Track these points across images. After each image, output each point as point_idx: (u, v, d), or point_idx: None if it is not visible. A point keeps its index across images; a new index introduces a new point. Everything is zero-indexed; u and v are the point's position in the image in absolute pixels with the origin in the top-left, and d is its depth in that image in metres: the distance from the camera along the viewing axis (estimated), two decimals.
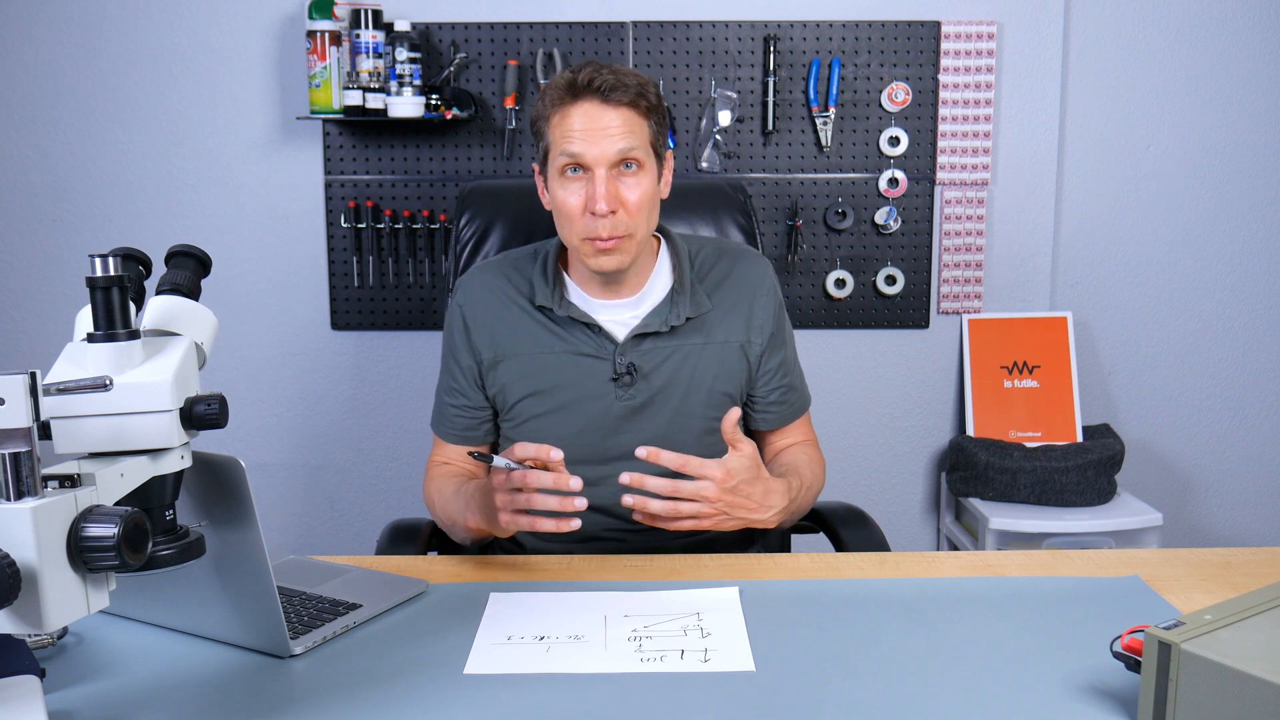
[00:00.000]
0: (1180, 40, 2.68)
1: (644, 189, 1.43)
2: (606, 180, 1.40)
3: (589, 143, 1.40)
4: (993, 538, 2.47)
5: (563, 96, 1.42)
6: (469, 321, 1.54)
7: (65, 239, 2.69)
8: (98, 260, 0.87)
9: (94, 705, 0.98)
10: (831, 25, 2.62)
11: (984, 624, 1.13)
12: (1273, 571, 1.28)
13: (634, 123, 1.42)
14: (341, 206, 2.64)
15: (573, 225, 1.43)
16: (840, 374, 2.76)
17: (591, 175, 1.40)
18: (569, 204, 1.43)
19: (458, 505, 1.45)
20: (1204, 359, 2.81)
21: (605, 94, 1.40)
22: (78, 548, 0.79)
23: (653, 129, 1.45)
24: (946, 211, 2.69)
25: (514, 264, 1.57)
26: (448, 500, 1.49)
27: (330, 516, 2.80)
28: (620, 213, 1.41)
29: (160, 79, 2.63)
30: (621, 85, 1.41)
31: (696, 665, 1.04)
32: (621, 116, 1.41)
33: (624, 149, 1.41)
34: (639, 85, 1.43)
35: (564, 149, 1.41)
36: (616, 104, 1.41)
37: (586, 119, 1.40)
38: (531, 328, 1.52)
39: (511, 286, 1.55)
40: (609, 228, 1.41)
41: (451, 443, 1.58)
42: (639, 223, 1.43)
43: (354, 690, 1.00)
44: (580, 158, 1.40)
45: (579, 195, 1.42)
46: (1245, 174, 2.74)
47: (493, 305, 1.54)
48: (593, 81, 1.40)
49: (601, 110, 1.41)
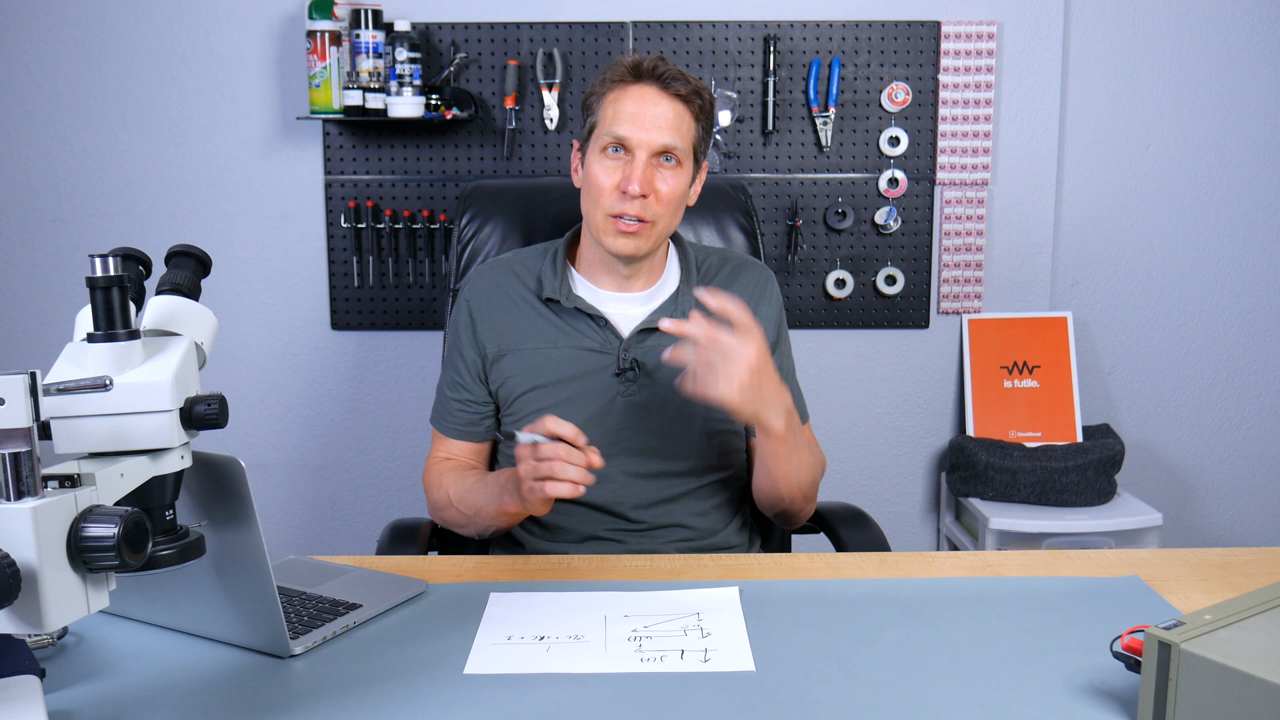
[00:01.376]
0: (1180, 40, 2.68)
1: (677, 184, 1.46)
2: (645, 165, 1.43)
3: (638, 127, 1.43)
4: (993, 538, 2.47)
5: (624, 76, 1.46)
6: (475, 316, 1.55)
7: (65, 239, 2.69)
8: (98, 260, 0.87)
9: (94, 705, 0.97)
10: (831, 25, 2.62)
11: (984, 624, 1.13)
12: (1273, 571, 1.28)
13: (684, 120, 1.45)
14: (341, 206, 2.64)
15: (600, 200, 1.45)
16: (840, 374, 2.76)
17: (632, 158, 1.43)
18: (601, 180, 1.45)
19: (485, 493, 1.43)
20: (1204, 359, 2.81)
21: (665, 82, 1.44)
22: (78, 548, 0.78)
23: (698, 132, 1.48)
24: (946, 211, 2.69)
25: (522, 260, 1.59)
26: (468, 490, 1.47)
27: (330, 516, 2.80)
28: (651, 198, 1.44)
29: (160, 79, 2.63)
30: (682, 78, 1.45)
31: (696, 665, 1.04)
32: (674, 109, 1.44)
33: (669, 143, 1.44)
34: (698, 88, 1.47)
35: (612, 128, 1.44)
36: (673, 95, 1.44)
37: (641, 103, 1.44)
38: (537, 322, 1.53)
39: (519, 282, 1.56)
40: (638, 209, 1.43)
41: (453, 438, 1.58)
42: (664, 214, 1.46)
43: (354, 690, 1.00)
44: (626, 140, 1.43)
45: (614, 174, 1.44)
46: (1245, 174, 2.74)
47: (499, 300, 1.55)
48: (656, 69, 1.44)
49: (658, 97, 1.44)
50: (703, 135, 1.49)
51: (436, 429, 1.60)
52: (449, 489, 1.52)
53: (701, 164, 1.53)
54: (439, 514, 1.56)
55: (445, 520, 1.55)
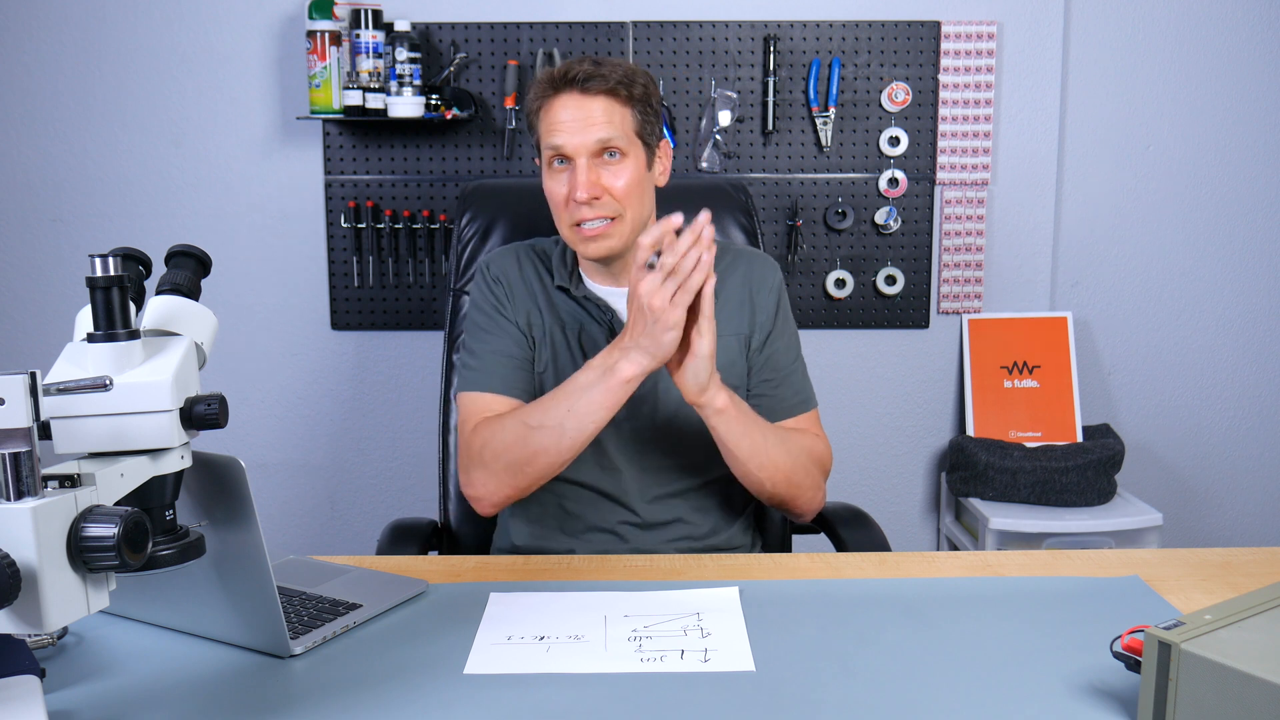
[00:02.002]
0: (1180, 40, 2.68)
1: (629, 176, 1.46)
2: (587, 169, 1.44)
3: (569, 133, 1.44)
4: (993, 538, 2.47)
5: (545, 90, 1.47)
6: (507, 291, 1.56)
7: (65, 239, 2.69)
8: (98, 260, 0.87)
9: (94, 705, 0.97)
10: (831, 25, 2.61)
11: (984, 624, 1.13)
12: (1273, 571, 1.28)
13: (614, 111, 1.45)
14: (341, 206, 2.64)
15: (560, 214, 1.48)
16: (840, 374, 2.76)
17: (573, 165, 1.44)
18: (556, 193, 1.47)
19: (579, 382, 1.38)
20: (1204, 359, 2.81)
21: (582, 84, 1.44)
22: (78, 548, 0.78)
23: (637, 118, 1.47)
24: (946, 211, 2.69)
25: (542, 248, 1.62)
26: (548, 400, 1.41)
27: (330, 516, 2.80)
28: (605, 198, 1.45)
29: (160, 79, 2.63)
30: (599, 75, 1.44)
31: (696, 665, 1.04)
32: (601, 106, 1.44)
33: (603, 138, 1.44)
34: (623, 75, 1.46)
35: (548, 141, 1.46)
36: (595, 93, 1.44)
37: (567, 110, 1.44)
38: (553, 305, 1.55)
39: (538, 264, 1.59)
40: (593, 212, 1.44)
41: (505, 394, 1.51)
42: (628, 206, 1.46)
43: (354, 690, 1.00)
44: (561, 149, 1.45)
45: (564, 185, 1.46)
46: (1245, 174, 2.74)
47: (521, 279, 1.57)
48: (569, 73, 1.45)
49: (580, 100, 1.44)
50: (644, 118, 1.48)
51: (478, 391, 1.52)
52: (524, 419, 1.42)
53: (657, 145, 1.52)
54: (506, 458, 1.42)
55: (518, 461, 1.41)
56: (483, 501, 1.47)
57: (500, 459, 1.43)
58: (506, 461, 1.42)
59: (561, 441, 1.39)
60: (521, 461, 1.41)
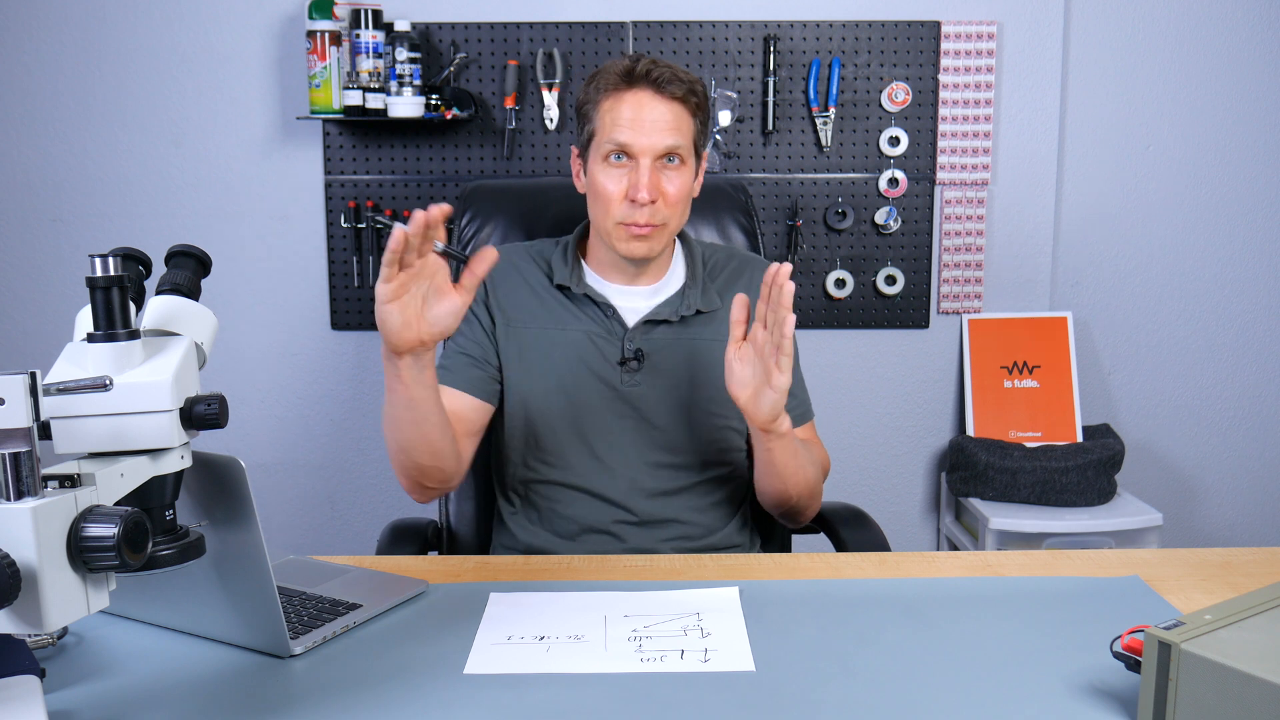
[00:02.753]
0: (1180, 40, 2.68)
1: (683, 183, 1.46)
2: (650, 170, 1.43)
3: (638, 132, 1.43)
4: (993, 538, 2.47)
5: (617, 83, 1.45)
6: (489, 285, 1.55)
7: (65, 239, 2.69)
8: (98, 260, 0.87)
9: (94, 705, 0.97)
10: (831, 25, 2.62)
11: (984, 624, 1.13)
12: (1273, 571, 1.28)
13: (682, 119, 1.45)
14: (341, 206, 2.64)
15: (609, 210, 1.46)
16: (840, 374, 2.76)
17: (636, 164, 1.43)
18: (609, 189, 1.45)
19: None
20: (1204, 359, 2.81)
21: (660, 85, 1.44)
22: (78, 548, 0.78)
23: (697, 128, 1.48)
24: (946, 211, 2.69)
25: (537, 249, 1.61)
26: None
27: (330, 516, 2.80)
28: (659, 203, 1.44)
29: (160, 79, 2.63)
30: (676, 79, 1.44)
31: (696, 665, 1.04)
32: (672, 111, 1.44)
33: (671, 144, 1.44)
34: (691, 83, 1.46)
35: (612, 136, 1.44)
36: (669, 97, 1.44)
37: (638, 108, 1.43)
38: (547, 303, 1.55)
39: (533, 264, 1.58)
40: (647, 215, 1.44)
41: (454, 387, 1.49)
42: (674, 215, 1.47)
43: (354, 690, 1.00)
44: (628, 147, 1.43)
45: (620, 182, 1.44)
46: (1245, 174, 2.74)
47: (514, 276, 1.56)
48: (650, 72, 1.44)
49: (654, 101, 1.44)
50: (701, 128, 1.50)
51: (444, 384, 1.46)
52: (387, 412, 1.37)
53: (703, 155, 1.54)
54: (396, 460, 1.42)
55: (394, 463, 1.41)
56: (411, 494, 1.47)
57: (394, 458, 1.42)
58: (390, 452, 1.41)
59: (400, 431, 1.35)
60: (395, 452, 1.40)
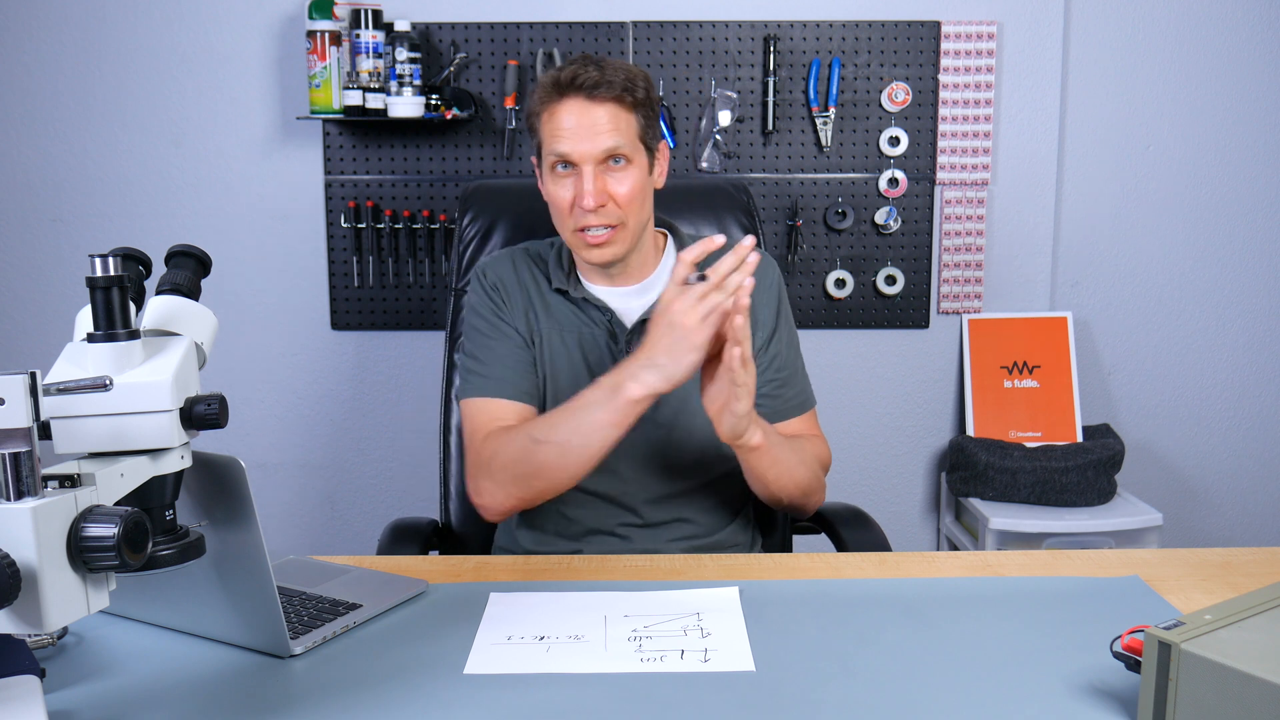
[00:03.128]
0: (1180, 40, 2.68)
1: (632, 182, 1.45)
2: (594, 176, 1.42)
3: (575, 140, 1.42)
4: (993, 538, 2.47)
5: (549, 94, 1.45)
6: (505, 298, 1.55)
7: (65, 239, 2.69)
8: (98, 260, 0.87)
9: (94, 705, 0.97)
10: (831, 25, 2.62)
11: (984, 624, 1.13)
12: (1273, 571, 1.28)
13: (620, 118, 1.44)
14: (341, 206, 2.64)
15: (564, 219, 1.47)
16: (840, 374, 2.76)
17: (579, 171, 1.43)
18: (560, 198, 1.46)
19: (586, 401, 1.35)
20: (1204, 359, 2.81)
21: (590, 91, 1.42)
22: (78, 548, 0.78)
23: (640, 122, 1.46)
24: (946, 211, 2.69)
25: (535, 252, 1.61)
26: (556, 415, 1.38)
27: (330, 516, 2.80)
28: (610, 205, 1.44)
29: (160, 79, 2.63)
30: (606, 82, 1.42)
31: (696, 665, 1.04)
32: (608, 113, 1.43)
33: (610, 147, 1.43)
34: (626, 80, 1.44)
35: (552, 147, 1.44)
36: (601, 100, 1.43)
37: (573, 116, 1.43)
38: (550, 309, 1.55)
39: (534, 268, 1.58)
40: (598, 219, 1.43)
41: (517, 399, 1.49)
42: (630, 213, 1.46)
43: (354, 690, 1.00)
44: (568, 156, 1.43)
45: (569, 190, 1.44)
46: (1245, 174, 2.74)
47: (517, 285, 1.56)
48: (576, 79, 1.42)
49: (587, 107, 1.42)
50: (646, 122, 1.47)
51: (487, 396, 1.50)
52: (530, 433, 1.40)
53: (657, 146, 1.51)
54: (513, 470, 1.41)
55: (524, 475, 1.40)
56: (489, 510, 1.47)
57: (507, 471, 1.42)
58: (513, 474, 1.41)
59: (566, 458, 1.37)
60: (528, 475, 1.40)
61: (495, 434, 1.46)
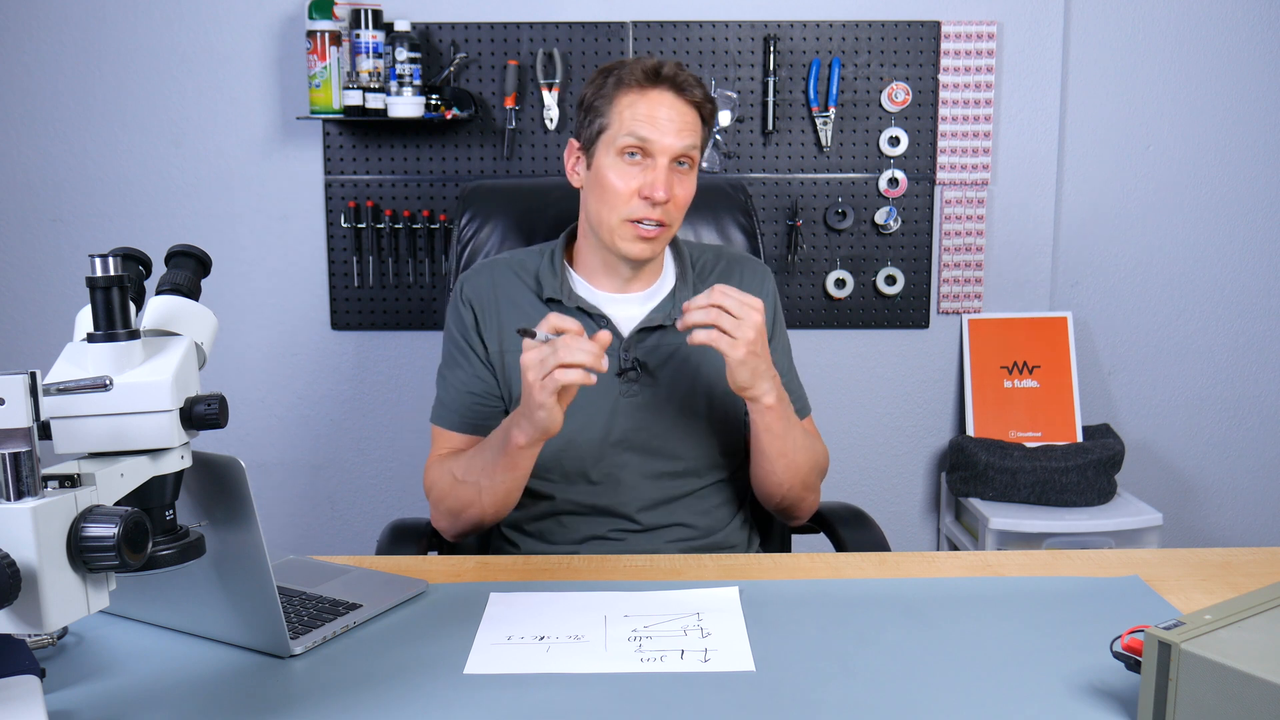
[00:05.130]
0: (1180, 40, 2.68)
1: (690, 188, 1.48)
2: (668, 170, 1.44)
3: (662, 131, 1.43)
4: (993, 538, 2.47)
5: (641, 80, 1.45)
6: (478, 315, 1.55)
7: (65, 239, 2.69)
8: (98, 260, 0.87)
9: (94, 705, 0.97)
10: (831, 25, 2.62)
11: (984, 624, 1.13)
12: (1273, 571, 1.28)
13: (696, 125, 1.47)
14: (341, 206, 2.64)
15: (618, 206, 1.45)
16: (840, 374, 2.76)
17: (653, 162, 1.44)
18: (618, 185, 1.44)
19: (488, 447, 1.41)
20: (1204, 359, 2.81)
21: (682, 89, 1.45)
22: (78, 548, 0.78)
23: (704, 136, 1.50)
24: (946, 211, 2.69)
25: (519, 261, 1.59)
26: (470, 458, 1.45)
27: (330, 516, 2.80)
28: (670, 204, 1.45)
29: (160, 79, 2.63)
30: (696, 86, 1.46)
31: (696, 665, 1.04)
32: (692, 115, 1.46)
33: (688, 145, 1.45)
34: (705, 93, 1.48)
35: (634, 130, 1.43)
36: (689, 101, 1.45)
37: (662, 108, 1.44)
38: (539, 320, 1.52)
39: (518, 281, 1.56)
40: (659, 214, 1.44)
41: (461, 431, 1.54)
42: (677, 218, 1.48)
43: (354, 690, 1.00)
44: (649, 144, 1.43)
45: (635, 179, 1.44)
46: (1245, 174, 2.74)
47: (499, 299, 1.55)
48: (676, 76, 1.45)
49: (676, 102, 1.45)
50: (706, 138, 1.52)
51: (440, 426, 1.56)
52: (452, 469, 1.47)
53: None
54: (444, 505, 1.49)
55: (451, 509, 1.48)
56: (444, 533, 1.54)
57: (443, 503, 1.49)
58: (445, 508, 1.49)
59: (482, 498, 1.44)
60: (455, 510, 1.48)
61: (437, 462, 1.53)
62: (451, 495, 1.47)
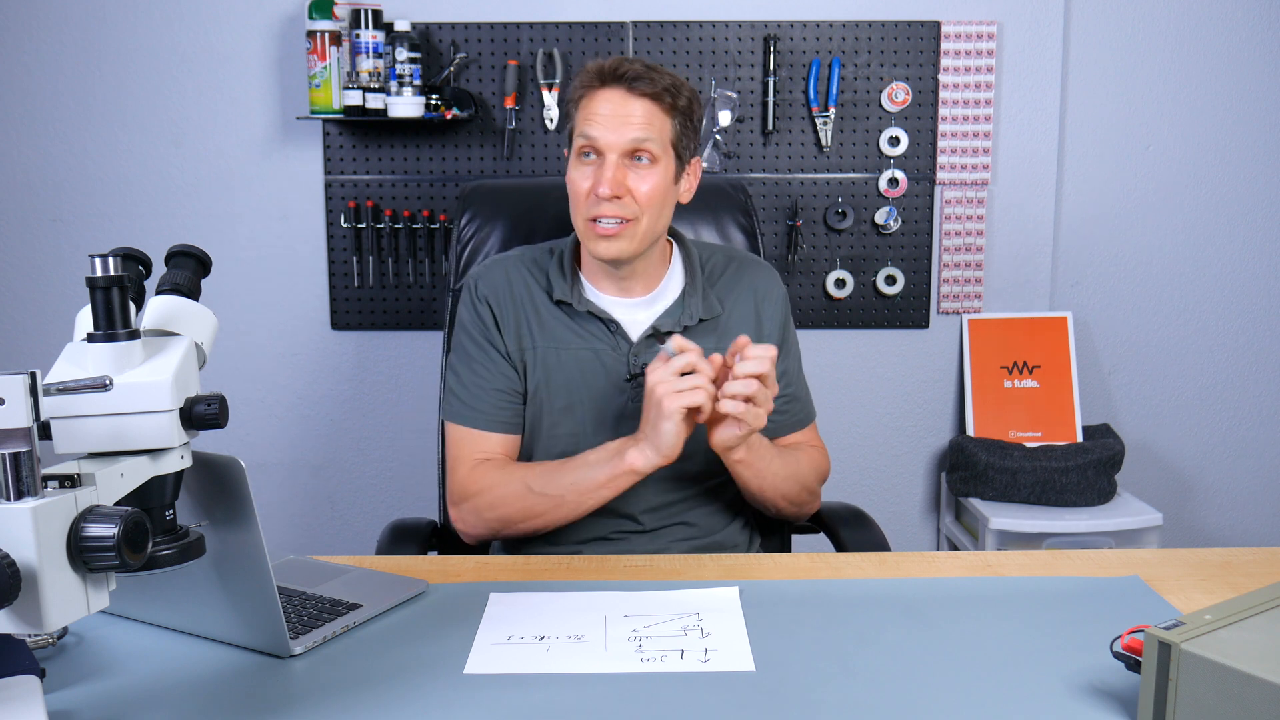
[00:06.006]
0: (1180, 40, 2.68)
1: (654, 183, 1.44)
2: (616, 166, 1.42)
3: (605, 128, 1.43)
4: (993, 538, 2.47)
5: (591, 81, 1.45)
6: (495, 313, 1.53)
7: (65, 239, 2.69)
8: (98, 260, 0.87)
9: (94, 705, 0.97)
10: (831, 25, 2.62)
11: (984, 624, 1.13)
12: (1273, 571, 1.28)
13: (655, 117, 1.44)
14: (341, 206, 2.64)
15: (578, 206, 1.46)
16: (840, 374, 2.76)
17: (603, 160, 1.43)
18: (578, 185, 1.45)
19: (586, 463, 1.42)
20: (1204, 359, 2.81)
21: (630, 83, 1.43)
22: (78, 548, 0.78)
23: (675, 128, 1.46)
24: (946, 211, 2.69)
25: (532, 258, 1.57)
26: (553, 472, 1.45)
27: (330, 516, 2.80)
28: (627, 198, 1.43)
29: (160, 79, 2.63)
30: (647, 78, 1.44)
31: (696, 665, 1.04)
32: (643, 108, 1.43)
33: (638, 139, 1.42)
34: (671, 84, 1.45)
35: (583, 131, 1.44)
36: (639, 94, 1.43)
37: (609, 105, 1.43)
38: (550, 322, 1.52)
39: (531, 279, 1.55)
40: (612, 210, 1.42)
41: (498, 432, 1.52)
42: (646, 212, 1.45)
43: (354, 690, 1.00)
44: (595, 142, 1.43)
45: (589, 178, 1.44)
46: (1245, 174, 2.74)
47: (513, 297, 1.54)
48: (619, 69, 1.44)
49: (624, 98, 1.43)
50: (683, 130, 1.47)
51: (468, 426, 1.52)
52: (526, 479, 1.45)
53: (690, 160, 1.51)
54: (497, 511, 1.46)
55: (507, 517, 1.46)
56: (468, 536, 1.53)
57: (495, 510, 1.47)
58: (501, 514, 1.47)
59: (559, 511, 1.44)
60: (515, 518, 1.47)
61: (482, 468, 1.49)
62: (518, 503, 1.45)
